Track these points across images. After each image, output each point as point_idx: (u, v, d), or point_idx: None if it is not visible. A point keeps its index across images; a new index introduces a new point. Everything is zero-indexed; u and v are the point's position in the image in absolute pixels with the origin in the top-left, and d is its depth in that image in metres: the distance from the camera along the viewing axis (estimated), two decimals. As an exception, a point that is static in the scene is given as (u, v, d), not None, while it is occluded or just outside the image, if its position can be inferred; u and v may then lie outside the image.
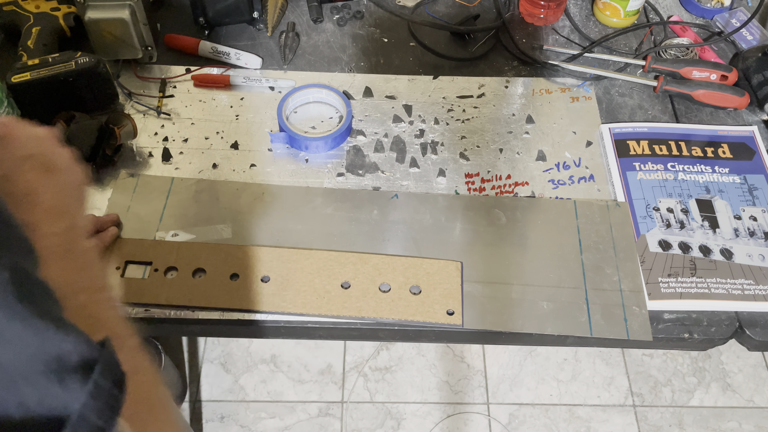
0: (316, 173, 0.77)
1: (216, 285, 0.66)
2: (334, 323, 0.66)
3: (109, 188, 0.74)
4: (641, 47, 0.93)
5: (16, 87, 0.73)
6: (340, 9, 0.95)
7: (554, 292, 0.67)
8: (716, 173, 0.78)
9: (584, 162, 0.79)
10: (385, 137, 0.81)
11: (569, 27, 0.95)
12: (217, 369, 1.55)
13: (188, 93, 0.84)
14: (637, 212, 0.74)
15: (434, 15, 0.96)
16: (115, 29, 0.80)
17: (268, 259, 0.68)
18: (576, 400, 1.54)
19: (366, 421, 1.49)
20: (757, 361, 1.62)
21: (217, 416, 1.48)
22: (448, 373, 1.56)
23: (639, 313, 0.66)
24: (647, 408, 1.54)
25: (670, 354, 1.62)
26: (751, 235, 0.72)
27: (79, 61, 0.74)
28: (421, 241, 0.71)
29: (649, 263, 0.70)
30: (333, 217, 0.73)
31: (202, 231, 0.71)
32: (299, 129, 0.79)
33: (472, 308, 0.66)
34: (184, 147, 0.79)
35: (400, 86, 0.86)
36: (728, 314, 0.68)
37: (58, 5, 0.86)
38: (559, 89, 0.87)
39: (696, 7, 0.97)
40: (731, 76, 0.86)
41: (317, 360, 1.56)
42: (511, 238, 0.71)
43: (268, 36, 0.91)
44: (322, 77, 0.87)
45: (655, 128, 0.82)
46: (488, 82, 0.87)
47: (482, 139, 0.81)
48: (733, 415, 1.54)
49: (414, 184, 0.76)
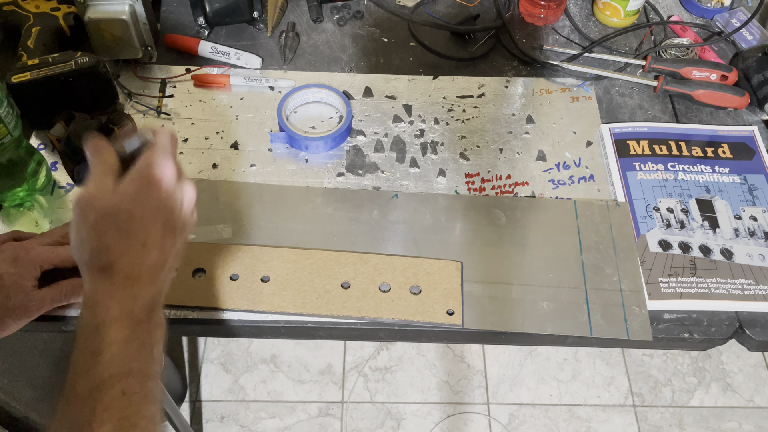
0: (316, 173, 0.77)
1: (216, 285, 0.66)
2: (334, 323, 0.66)
3: (109, 188, 0.74)
4: (641, 47, 0.93)
5: (16, 87, 0.73)
6: (340, 9, 0.95)
7: (554, 292, 0.67)
8: (716, 173, 0.78)
9: (584, 162, 0.79)
10: (385, 137, 0.81)
11: (569, 27, 0.95)
12: (217, 369, 1.55)
13: (188, 93, 0.84)
14: (637, 212, 0.74)
15: (434, 15, 0.96)
16: (115, 29, 0.80)
17: (268, 259, 0.68)
18: (576, 400, 1.54)
19: (366, 421, 1.49)
20: (757, 361, 1.62)
21: (217, 416, 1.48)
22: (448, 373, 1.56)
23: (639, 313, 0.66)
24: (647, 408, 1.54)
25: (670, 354, 1.62)
26: (751, 235, 0.72)
27: (79, 61, 0.74)
28: (421, 241, 0.71)
29: (649, 263, 0.70)
30: (333, 217, 0.73)
31: (202, 231, 0.71)
32: (299, 129, 0.79)
33: (472, 308, 0.66)
34: (184, 147, 0.79)
35: (400, 86, 0.86)
36: (728, 314, 0.68)
37: (58, 5, 0.86)
38: (559, 89, 0.87)
39: (696, 7, 0.97)
40: (731, 76, 0.86)
41: (317, 360, 1.56)
42: (511, 238, 0.71)
43: (268, 36, 0.91)
44: (322, 77, 0.87)
45: (655, 128, 0.82)
46: (488, 82, 0.87)
47: (482, 139, 0.81)
48: (733, 415, 1.54)
49: (414, 184, 0.76)
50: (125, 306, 0.42)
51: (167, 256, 0.46)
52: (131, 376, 0.41)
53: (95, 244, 0.43)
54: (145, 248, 0.44)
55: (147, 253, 0.44)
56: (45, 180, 0.73)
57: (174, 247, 0.47)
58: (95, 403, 0.39)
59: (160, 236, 0.45)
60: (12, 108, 0.66)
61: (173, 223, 0.46)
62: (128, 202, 0.44)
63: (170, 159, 0.47)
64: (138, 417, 0.40)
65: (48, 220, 0.71)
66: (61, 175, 0.75)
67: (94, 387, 0.40)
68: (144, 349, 0.43)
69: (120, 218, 0.43)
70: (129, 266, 0.43)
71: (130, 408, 0.40)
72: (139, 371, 0.42)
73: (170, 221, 0.46)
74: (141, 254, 0.44)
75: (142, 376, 0.42)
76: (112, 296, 0.42)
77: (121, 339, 0.41)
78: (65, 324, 0.64)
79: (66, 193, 0.74)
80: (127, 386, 0.41)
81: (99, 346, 0.41)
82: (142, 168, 0.45)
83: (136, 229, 0.43)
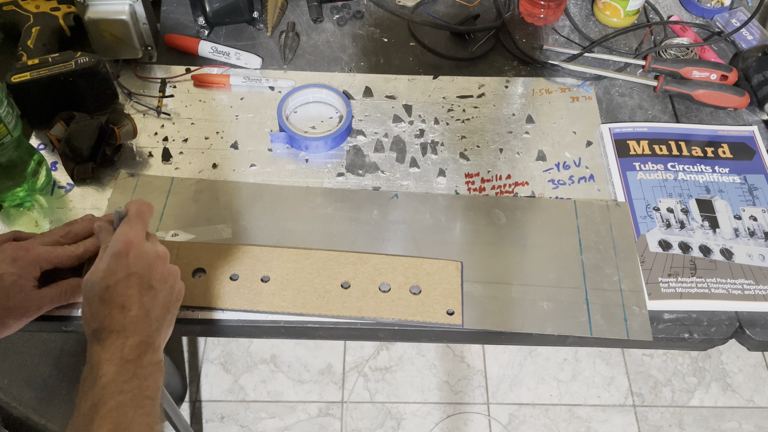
0: (316, 173, 0.77)
1: (216, 285, 0.66)
2: (334, 323, 0.66)
3: (109, 188, 0.74)
4: (641, 47, 0.93)
5: (16, 87, 0.73)
6: (340, 9, 0.95)
7: (554, 292, 0.67)
8: (716, 173, 0.78)
9: (584, 162, 0.79)
10: (385, 137, 0.81)
11: (569, 27, 0.95)
12: (217, 369, 1.55)
13: (188, 93, 0.84)
14: (637, 212, 0.74)
15: (434, 15, 0.96)
16: (115, 29, 0.80)
17: (268, 259, 0.68)
18: (576, 400, 1.54)
19: (366, 421, 1.49)
20: (757, 361, 1.62)
21: (217, 416, 1.48)
22: (448, 373, 1.56)
23: (639, 313, 0.66)
24: (647, 408, 1.54)
25: (670, 354, 1.62)
26: (751, 235, 0.72)
27: (79, 61, 0.74)
28: (421, 241, 0.71)
29: (649, 263, 0.70)
30: (333, 217, 0.73)
31: (202, 231, 0.71)
32: (299, 129, 0.79)
33: (472, 308, 0.66)
34: (184, 147, 0.79)
35: (400, 86, 0.86)
36: (728, 314, 0.68)
37: (58, 5, 0.86)
38: (559, 89, 0.87)
39: (696, 7, 0.97)
40: (731, 76, 0.86)
41: (317, 360, 1.56)
42: (511, 238, 0.71)
43: (268, 36, 0.91)
44: (322, 77, 0.87)
45: (655, 128, 0.82)
46: (488, 82, 0.87)
47: (482, 139, 0.81)
48: (733, 415, 1.54)
49: (414, 184, 0.76)
50: (115, 351, 0.51)
51: (149, 309, 0.54)
52: (123, 394, 0.49)
53: (87, 315, 0.54)
54: (124, 308, 0.53)
55: (127, 312, 0.53)
56: (45, 180, 0.73)
57: (156, 300, 0.55)
58: (93, 415, 0.48)
59: (137, 296, 0.53)
60: (12, 108, 0.66)
61: (149, 281, 0.54)
62: (103, 278, 0.53)
63: (136, 227, 0.56)
64: (132, 424, 0.48)
65: (48, 220, 0.71)
66: (61, 175, 0.75)
67: (92, 405, 0.48)
68: (135, 379, 0.51)
69: (99, 292, 0.53)
70: (112, 324, 0.52)
71: (124, 417, 0.48)
72: (131, 390, 0.50)
73: (144, 281, 0.54)
74: (121, 314, 0.52)
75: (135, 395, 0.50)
76: (103, 347, 0.51)
77: (113, 372, 0.50)
78: (65, 324, 0.64)
79: (66, 193, 0.74)
80: (120, 402, 0.49)
81: (95, 378, 0.50)
82: (111, 247, 0.55)
83: (112, 296, 0.53)
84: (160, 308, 0.55)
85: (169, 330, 0.57)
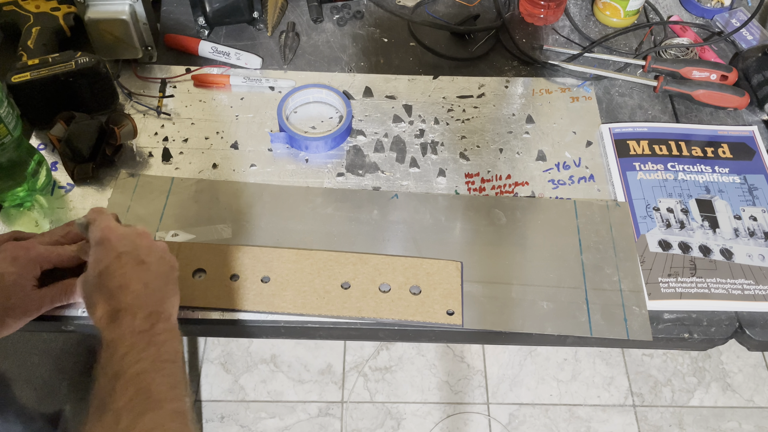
0: (316, 173, 0.77)
1: (216, 285, 0.66)
2: (334, 323, 0.66)
3: (109, 188, 0.74)
4: (641, 47, 0.93)
5: (16, 87, 0.73)
6: (340, 9, 0.95)
7: (554, 292, 0.67)
8: (716, 173, 0.78)
9: (584, 162, 0.79)
10: (385, 137, 0.81)
11: (569, 27, 0.95)
12: (217, 369, 1.55)
13: (188, 93, 0.84)
14: (637, 212, 0.74)
15: (434, 15, 0.96)
16: (115, 29, 0.80)
17: (268, 259, 0.68)
18: (576, 400, 1.54)
19: (366, 421, 1.49)
20: (757, 361, 1.62)
21: (217, 416, 1.48)
22: (448, 373, 1.56)
23: (639, 313, 0.66)
24: (647, 408, 1.54)
25: (670, 354, 1.62)
26: (751, 235, 0.72)
27: (79, 61, 0.74)
28: (421, 241, 0.71)
29: (649, 263, 0.70)
30: (333, 217, 0.73)
31: (202, 231, 0.71)
32: (299, 129, 0.79)
33: (472, 308, 0.66)
34: (184, 147, 0.79)
35: (400, 86, 0.86)
36: (728, 314, 0.68)
37: (58, 5, 0.86)
38: (559, 89, 0.87)
39: (696, 7, 0.97)
40: (731, 76, 0.86)
41: (317, 360, 1.56)
42: (511, 238, 0.72)
43: (268, 36, 0.91)
44: (322, 77, 0.87)
45: (655, 128, 0.82)
46: (488, 82, 0.87)
47: (482, 139, 0.81)
48: (733, 415, 1.54)
49: (414, 184, 0.76)
50: (126, 327, 0.52)
51: (147, 282, 0.55)
52: (141, 362, 0.50)
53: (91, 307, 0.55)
54: (123, 287, 0.54)
55: (126, 289, 0.54)
56: (45, 180, 0.73)
57: (150, 272, 0.56)
58: (115, 383, 0.49)
59: (132, 272, 0.55)
60: (12, 108, 0.66)
61: (138, 256, 0.56)
62: (94, 268, 0.55)
63: (105, 218, 0.59)
64: (152, 385, 0.49)
65: (48, 220, 0.71)
66: (61, 175, 0.75)
67: (113, 375, 0.49)
68: (152, 346, 0.51)
69: (94, 282, 0.55)
70: (118, 305, 0.53)
71: (145, 380, 0.49)
72: (149, 357, 0.51)
73: (134, 256, 0.56)
74: (122, 293, 0.54)
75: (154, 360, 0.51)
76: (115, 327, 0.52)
77: (128, 344, 0.51)
78: (65, 324, 0.64)
79: (66, 193, 0.74)
80: (140, 369, 0.49)
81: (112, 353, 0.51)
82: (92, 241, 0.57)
83: (108, 280, 0.54)
84: (156, 279, 0.56)
85: (176, 299, 0.58)
